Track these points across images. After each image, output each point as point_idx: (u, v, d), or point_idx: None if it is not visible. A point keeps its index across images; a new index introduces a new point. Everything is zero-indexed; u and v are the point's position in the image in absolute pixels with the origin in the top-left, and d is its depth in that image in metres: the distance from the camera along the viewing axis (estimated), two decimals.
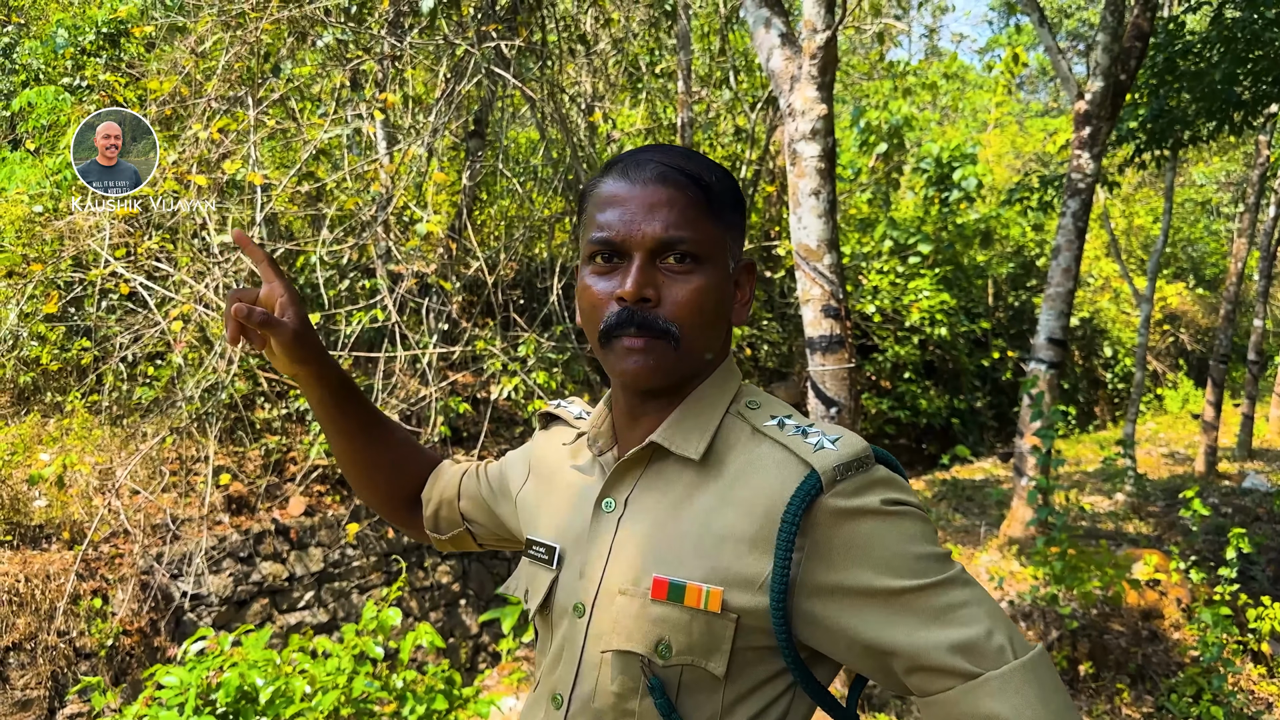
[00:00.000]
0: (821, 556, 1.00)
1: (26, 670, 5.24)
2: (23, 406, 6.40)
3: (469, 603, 7.25)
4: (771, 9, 3.58)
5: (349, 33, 5.94)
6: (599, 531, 1.14)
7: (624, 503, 1.14)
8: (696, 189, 1.10)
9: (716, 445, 1.11)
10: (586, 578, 1.13)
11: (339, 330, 6.39)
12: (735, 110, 11.21)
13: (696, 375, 1.16)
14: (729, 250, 1.14)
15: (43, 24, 8.11)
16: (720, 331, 1.15)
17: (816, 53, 3.39)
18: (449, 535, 1.51)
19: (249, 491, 6.33)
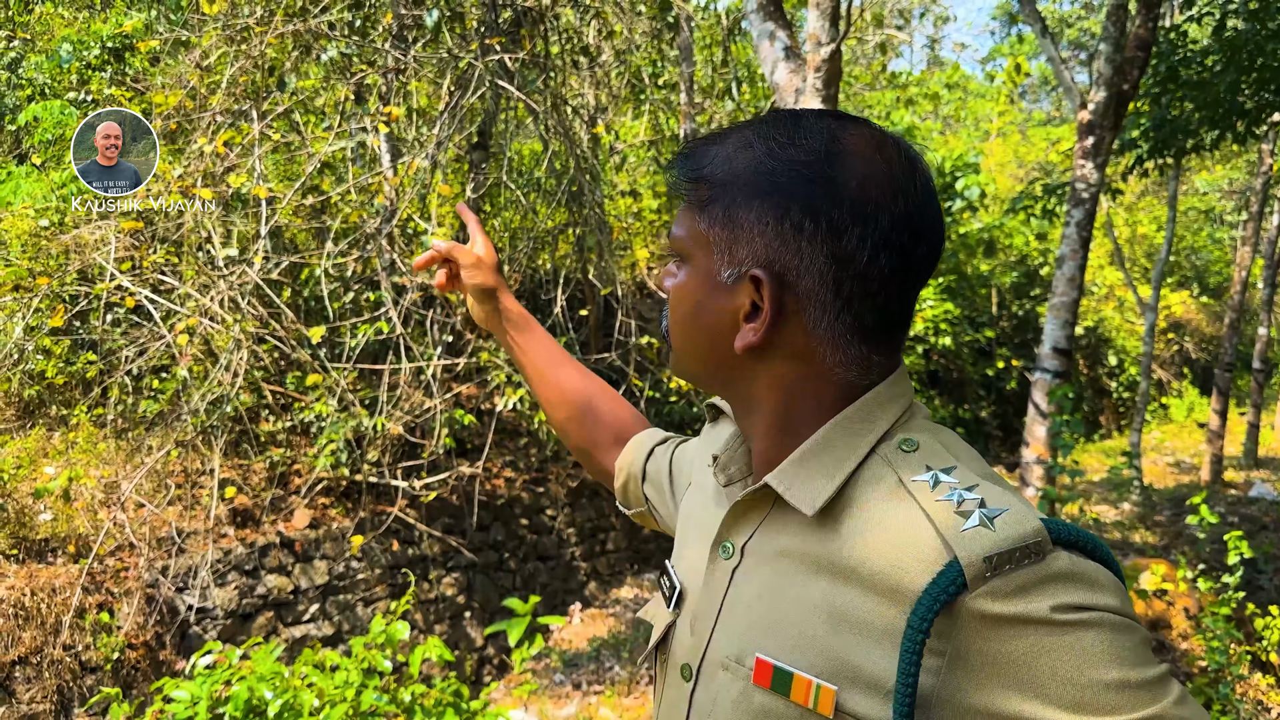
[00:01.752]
0: (967, 669, 0.77)
1: (32, 684, 5.24)
2: (28, 420, 6.41)
3: (474, 615, 7.24)
4: (776, 22, 3.60)
5: (353, 46, 5.96)
6: (713, 581, 0.96)
7: (741, 550, 0.94)
8: (683, 178, 0.94)
9: (847, 496, 0.87)
10: (697, 635, 0.96)
11: (344, 343, 6.39)
12: (738, 120, 11.22)
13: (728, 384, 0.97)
14: (721, 252, 0.90)
15: (48, 39, 8.15)
16: (699, 345, 0.95)
17: (821, 65, 3.40)
18: (635, 511, 1.42)
19: (254, 504, 6.33)
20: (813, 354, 0.89)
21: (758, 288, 0.88)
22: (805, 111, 0.92)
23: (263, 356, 6.16)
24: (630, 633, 7.58)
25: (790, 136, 0.88)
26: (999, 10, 30.30)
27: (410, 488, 6.70)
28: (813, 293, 0.87)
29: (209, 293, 5.57)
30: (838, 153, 0.86)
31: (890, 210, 0.85)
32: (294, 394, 6.50)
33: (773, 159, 0.88)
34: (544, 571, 8.16)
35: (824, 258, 0.85)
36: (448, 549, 7.22)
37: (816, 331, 0.88)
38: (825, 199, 0.85)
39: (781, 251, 0.86)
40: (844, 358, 0.89)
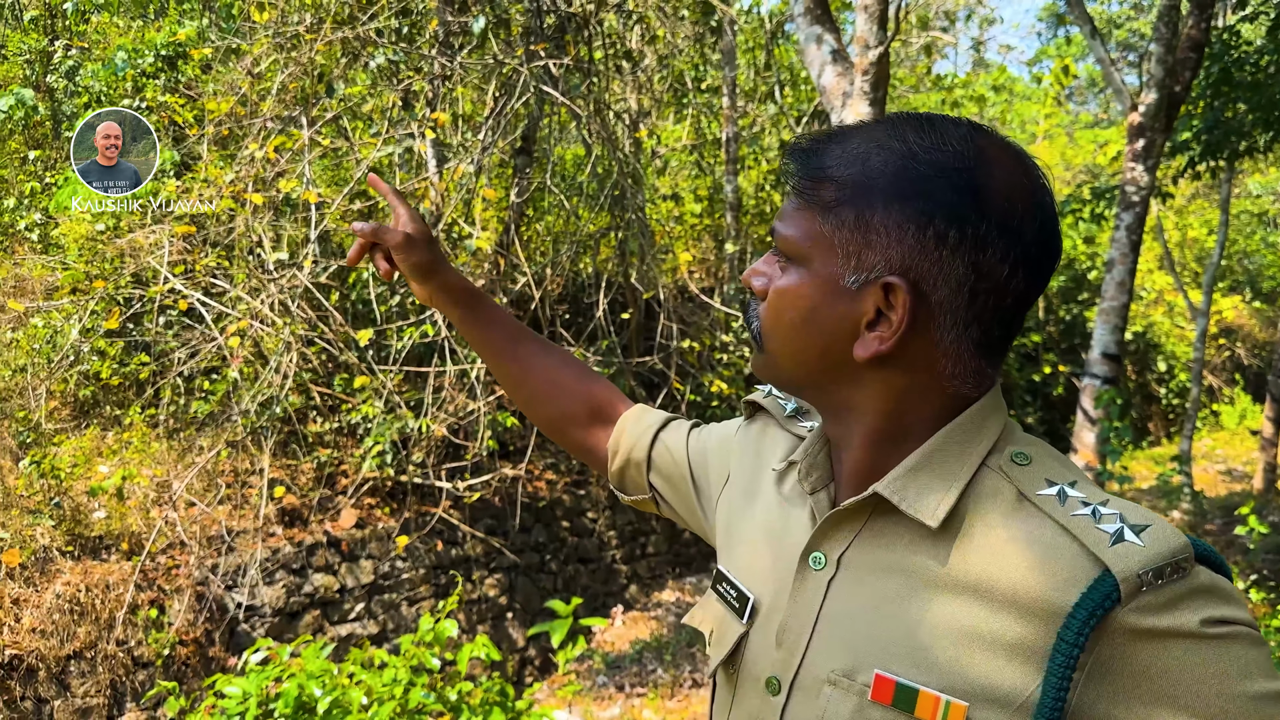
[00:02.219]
0: (1109, 682, 0.77)
1: (87, 678, 5.36)
2: (83, 420, 6.56)
3: (515, 616, 7.29)
4: (823, 25, 3.59)
5: (400, 53, 6.04)
6: (803, 592, 0.93)
7: (836, 562, 0.92)
8: (804, 176, 0.90)
9: (963, 509, 0.86)
10: (785, 648, 0.93)
11: (390, 345, 6.47)
12: (780, 124, 11.21)
13: (821, 389, 0.94)
14: (848, 256, 0.86)
15: (104, 48, 8.35)
16: (806, 350, 0.91)
17: (869, 69, 3.39)
18: (634, 498, 1.36)
19: (302, 504, 6.42)
20: (932, 365, 0.87)
21: (888, 295, 0.85)
22: (940, 116, 0.90)
23: (311, 358, 6.25)
24: (672, 636, 7.59)
25: (935, 140, 0.85)
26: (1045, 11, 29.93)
27: (454, 489, 6.77)
28: (946, 304, 0.84)
29: (259, 296, 5.67)
30: (985, 162, 0.84)
31: (1031, 225, 0.84)
32: (341, 395, 6.59)
33: (916, 162, 0.84)
34: (585, 574, 8.19)
35: (964, 269, 0.83)
36: (490, 550, 7.28)
37: (942, 343, 0.86)
38: (973, 209, 0.82)
39: (919, 259, 0.83)
40: (961, 370, 0.88)
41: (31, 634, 5.30)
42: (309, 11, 6.10)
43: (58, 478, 5.74)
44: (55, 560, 5.63)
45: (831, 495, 0.97)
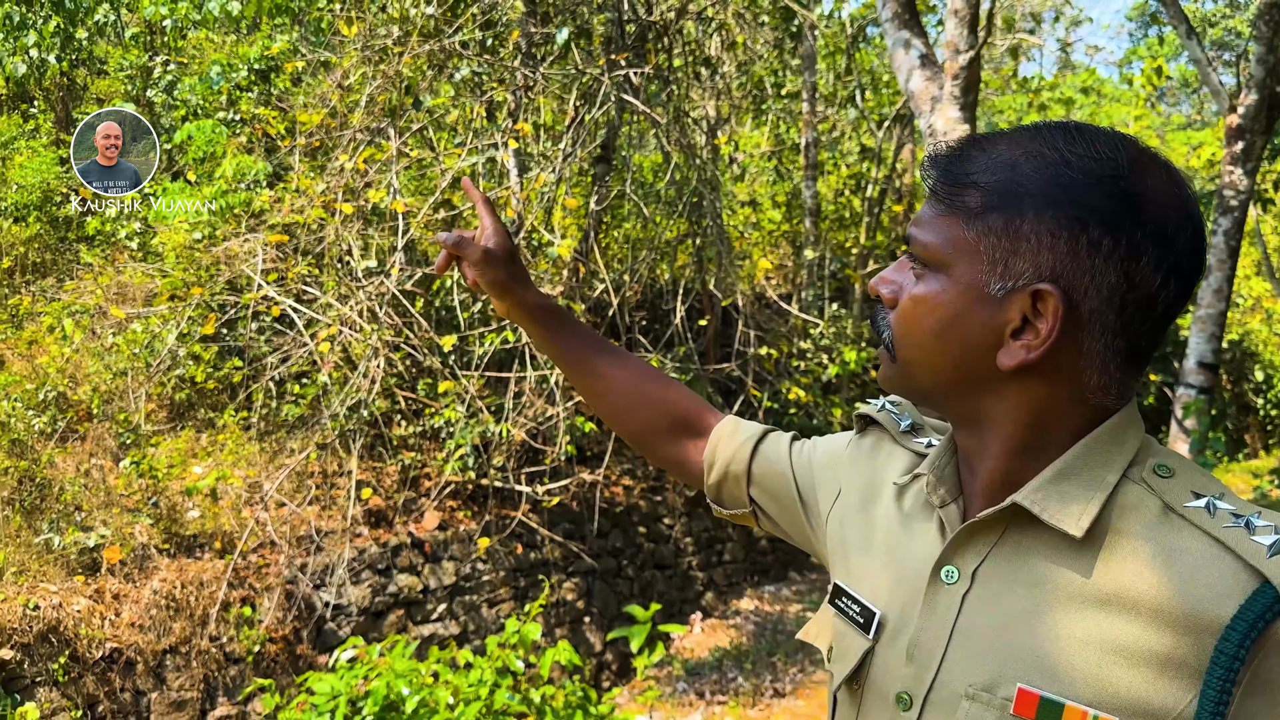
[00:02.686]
0: (1269, 695, 0.76)
1: (181, 673, 5.56)
2: (179, 422, 6.81)
3: (593, 620, 7.33)
4: (911, 30, 3.56)
5: (484, 65, 6.15)
6: (936, 607, 0.91)
7: (970, 575, 0.90)
8: (945, 181, 0.89)
9: (1105, 521, 0.84)
10: (917, 663, 0.92)
11: (472, 351, 6.58)
12: (861, 129, 11.10)
13: (948, 398, 0.93)
14: (994, 263, 0.85)
15: (200, 62, 8.67)
16: (944, 358, 0.90)
17: (959, 73, 3.35)
18: (731, 511, 1.33)
19: (387, 506, 6.57)
20: (1077, 375, 0.86)
21: (1036, 303, 0.84)
22: (1088, 125, 0.88)
23: (397, 364, 6.39)
24: (752, 645, 7.56)
25: (1086, 148, 0.84)
26: (1135, 11, 29.07)
27: (533, 493, 6.85)
28: (1096, 313, 0.83)
29: (348, 302, 5.83)
30: (1138, 170, 0.83)
31: (1183, 234, 0.83)
32: (425, 400, 6.72)
33: (1070, 169, 0.83)
34: (661, 580, 8.20)
35: (1116, 278, 0.82)
36: (568, 554, 7.34)
37: (1089, 353, 0.85)
38: (1128, 217, 0.81)
39: (1071, 267, 0.82)
40: (1105, 381, 0.86)
41: (130, 628, 5.51)
42: (396, 25, 6.25)
43: (155, 478, 5.97)
44: (153, 557, 5.85)
45: (961, 509, 0.95)
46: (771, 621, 8.20)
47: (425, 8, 6.10)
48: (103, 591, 5.52)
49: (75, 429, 6.54)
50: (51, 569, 5.63)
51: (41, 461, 6.03)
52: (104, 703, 5.24)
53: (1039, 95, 11.98)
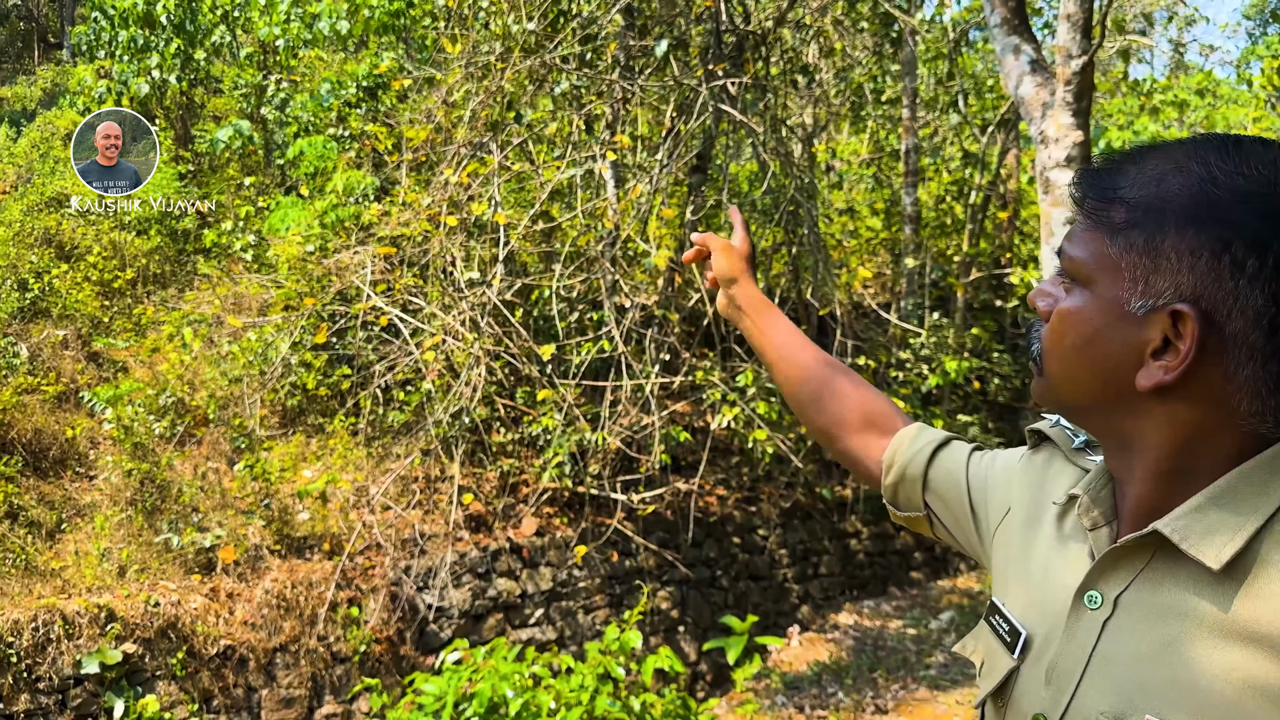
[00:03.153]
0: None
1: (290, 670, 5.75)
2: (290, 427, 7.07)
3: (687, 630, 7.33)
4: (1021, 36, 3.50)
5: (583, 78, 6.24)
6: (1077, 631, 0.90)
7: (1113, 602, 0.88)
8: (1094, 198, 0.88)
9: (1253, 554, 0.81)
10: (1055, 686, 0.91)
11: (570, 360, 6.67)
12: (963, 134, 10.88)
13: (1092, 414, 0.92)
14: (1135, 281, 0.84)
15: (311, 80, 9.01)
16: (1087, 378, 0.90)
17: (1071, 78, 3.28)
18: (906, 514, 1.33)
19: (486, 511, 6.69)
20: (1226, 400, 0.82)
21: (1176, 323, 0.81)
22: (1248, 138, 0.84)
23: (497, 372, 6.52)
24: (852, 660, 7.46)
25: (1237, 163, 0.81)
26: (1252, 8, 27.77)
27: (628, 501, 6.89)
28: (1242, 335, 0.80)
29: (451, 312, 5.97)
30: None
31: None
32: (523, 408, 6.84)
33: (1216, 186, 0.80)
34: (756, 591, 8.16)
35: (1263, 299, 0.78)
36: (662, 563, 7.36)
37: (1237, 377, 0.81)
38: (1275, 236, 0.78)
39: (1213, 287, 0.80)
40: (1259, 408, 0.82)
41: (243, 626, 5.73)
42: (498, 42, 6.39)
43: (268, 481, 6.20)
44: (265, 558, 6.08)
45: (1114, 533, 0.93)
46: (871, 637, 8.08)
47: (527, 24, 6.22)
48: (218, 590, 5.75)
49: (193, 433, 6.84)
50: (170, 567, 5.89)
51: (161, 464, 6.33)
52: (218, 697, 5.45)
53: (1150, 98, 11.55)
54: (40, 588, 5.52)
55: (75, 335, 7.64)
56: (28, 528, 6.05)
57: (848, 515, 9.14)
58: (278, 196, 7.95)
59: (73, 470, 6.70)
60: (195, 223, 8.72)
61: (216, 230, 8.06)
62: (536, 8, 6.47)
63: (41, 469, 6.63)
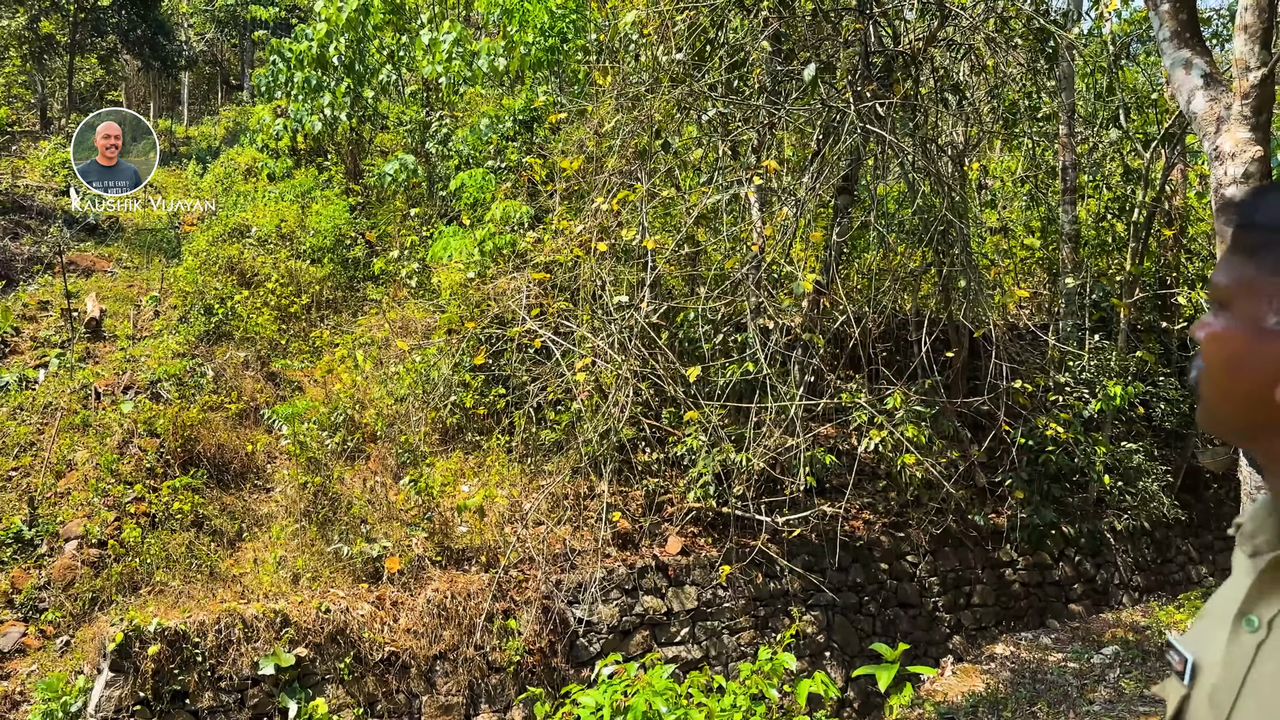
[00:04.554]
0: None
1: (449, 678, 5.99)
2: (450, 444, 7.41)
3: (833, 655, 7.26)
4: (1193, 49, 3.38)
5: (730, 105, 6.34)
6: (1235, 654, 0.93)
7: (1268, 624, 0.90)
8: (1235, 224, 0.93)
9: None
10: (1215, 709, 0.94)
11: (715, 381, 6.75)
12: (1124, 150, 10.44)
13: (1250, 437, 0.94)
14: (1269, 298, 0.88)
15: (471, 115, 9.46)
16: (1234, 395, 0.93)
17: (1250, 92, 3.15)
18: None
19: (633, 529, 6.84)
20: None
21: None
22: None
23: (644, 393, 6.67)
24: (1010, 692, 7.22)
25: None
26: None
27: (773, 523, 6.90)
28: None
29: (600, 335, 6.16)
30: None
31: None
32: (668, 428, 6.96)
33: None
34: (905, 619, 8.00)
35: None
36: (808, 586, 7.32)
37: None
38: None
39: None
40: None
41: (406, 634, 6.02)
42: (647, 72, 6.57)
43: (430, 495, 6.52)
44: (427, 568, 6.37)
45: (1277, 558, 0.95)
46: (1030, 669, 7.79)
47: (675, 54, 6.38)
48: (383, 599, 6.07)
49: (362, 449, 7.27)
50: (340, 576, 6.25)
51: (333, 478, 6.75)
52: (382, 702, 5.72)
53: None
54: (222, 592, 5.95)
55: (255, 357, 8.24)
56: (211, 536, 6.55)
57: (1002, 544, 8.85)
58: (440, 226, 8.37)
59: (252, 483, 7.21)
60: (364, 251, 9.27)
61: (384, 258, 8.54)
62: (685, 39, 6.62)
63: (224, 481, 7.16)
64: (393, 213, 9.51)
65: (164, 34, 19.02)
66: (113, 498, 6.37)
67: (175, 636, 5.23)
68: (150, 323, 8.58)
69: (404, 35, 10.09)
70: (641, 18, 6.37)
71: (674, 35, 6.38)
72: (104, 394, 7.28)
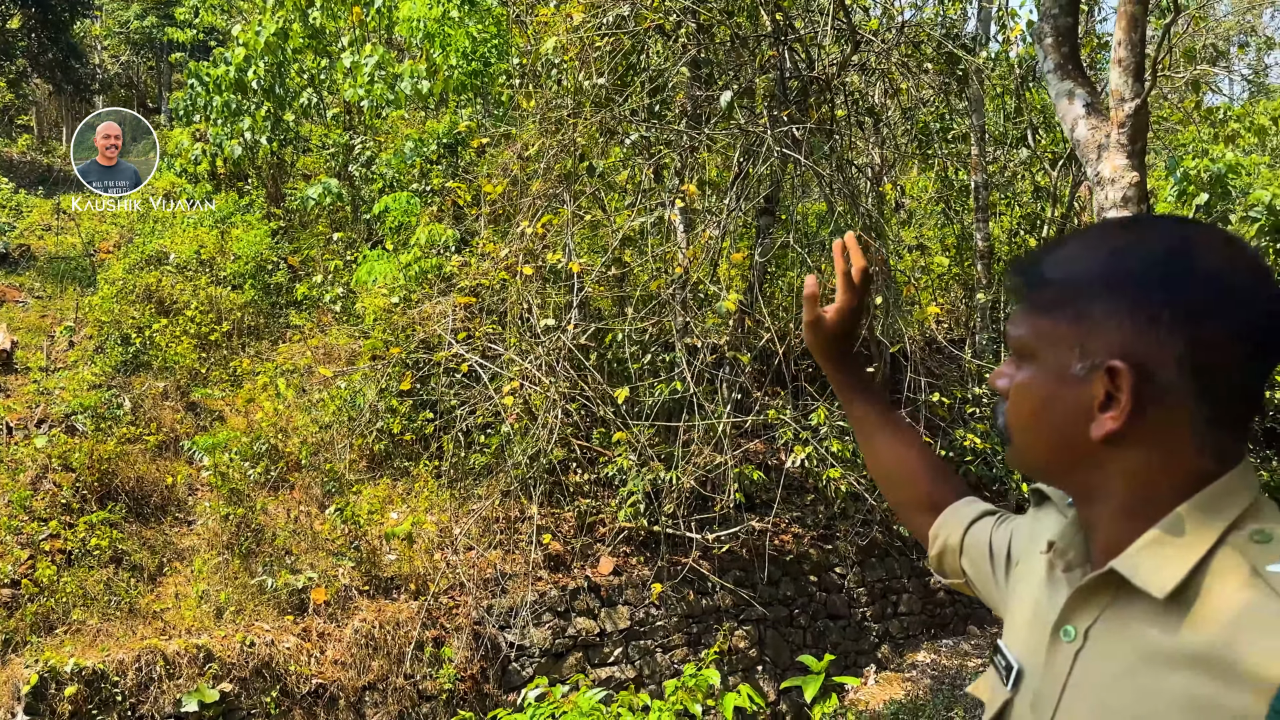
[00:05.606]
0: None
1: (379, 709, 5.91)
2: (377, 471, 7.33)
3: (765, 669, 7.35)
4: (1075, 80, 3.58)
5: (652, 129, 6.44)
6: (1054, 663, 1.00)
7: (1084, 634, 0.98)
8: (1025, 284, 1.02)
9: (1197, 583, 0.89)
10: (1037, 714, 1.02)
11: (643, 401, 6.81)
12: (1034, 168, 10.84)
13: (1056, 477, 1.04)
14: (1073, 348, 0.96)
15: (395, 138, 9.42)
16: (1048, 439, 1.01)
17: (1125, 121, 3.35)
18: (950, 581, 1.45)
19: (565, 550, 6.84)
20: (1168, 442, 0.92)
21: (1113, 378, 0.92)
22: (1145, 216, 1.00)
23: (573, 414, 6.70)
24: (929, 699, 7.38)
25: (1139, 236, 0.96)
26: None
27: (704, 540, 6.96)
28: (1171, 381, 0.90)
29: (529, 357, 6.18)
30: (1189, 249, 0.93)
31: (1245, 300, 0.90)
32: (599, 449, 6.99)
33: (1124, 257, 0.94)
34: (834, 630, 8.13)
35: (1183, 348, 0.89)
36: (739, 601, 7.40)
37: (1176, 419, 0.91)
38: (1181, 290, 0.90)
39: (1139, 343, 0.91)
40: (1199, 444, 0.92)
41: (334, 665, 5.93)
42: (570, 97, 6.64)
43: (357, 523, 6.44)
44: (354, 598, 6.29)
45: (1086, 574, 1.01)
46: (949, 675, 7.97)
47: (597, 79, 6.46)
48: (310, 630, 5.97)
49: (286, 479, 7.15)
50: (265, 609, 6.14)
51: (256, 509, 6.62)
52: None
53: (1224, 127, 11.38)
54: (143, 629, 5.80)
55: (175, 386, 8.05)
56: (131, 571, 6.37)
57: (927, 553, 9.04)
58: (365, 250, 8.31)
59: (173, 516, 7.04)
60: (287, 277, 9.14)
61: (307, 284, 8.44)
62: (606, 63, 6.71)
63: (144, 515, 6.98)
64: (316, 237, 9.41)
65: (76, 57, 18.57)
66: (26, 535, 6.16)
67: (93, 676, 5.09)
68: (64, 354, 8.34)
69: (325, 59, 10.02)
70: (562, 42, 6.44)
71: (595, 61, 6.46)
72: (15, 428, 7.06)
